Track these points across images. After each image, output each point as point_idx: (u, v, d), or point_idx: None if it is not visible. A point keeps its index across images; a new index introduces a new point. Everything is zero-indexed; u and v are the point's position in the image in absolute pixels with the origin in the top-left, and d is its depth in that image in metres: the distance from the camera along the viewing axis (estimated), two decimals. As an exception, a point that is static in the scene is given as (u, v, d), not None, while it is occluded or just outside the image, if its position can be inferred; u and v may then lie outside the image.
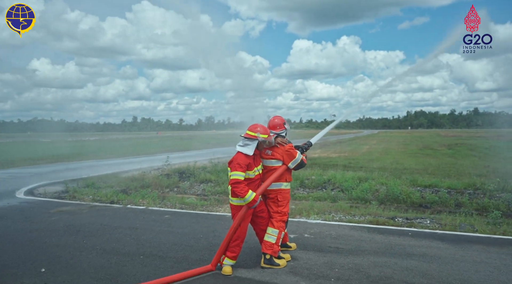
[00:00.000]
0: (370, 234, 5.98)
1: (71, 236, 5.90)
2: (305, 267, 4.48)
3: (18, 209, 8.15)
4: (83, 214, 7.63)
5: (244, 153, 4.31)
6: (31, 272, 4.39)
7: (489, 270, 4.35)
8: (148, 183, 12.15)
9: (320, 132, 5.87)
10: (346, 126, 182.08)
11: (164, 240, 5.67)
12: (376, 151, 29.13)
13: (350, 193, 10.35)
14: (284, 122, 4.85)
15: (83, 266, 4.56)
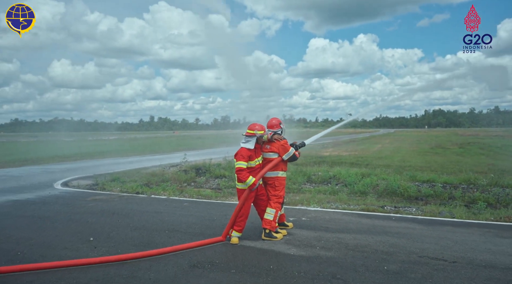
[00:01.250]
0: (358, 218, 6.99)
1: (108, 217, 7.13)
2: (297, 240, 5.55)
3: (59, 197, 9.49)
4: (114, 201, 8.89)
5: (246, 148, 5.43)
6: (82, 240, 5.60)
7: (447, 243, 5.33)
8: (167, 178, 13.34)
9: (316, 135, 6.93)
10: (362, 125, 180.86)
11: (184, 220, 6.84)
12: (387, 149, 29.76)
13: (352, 187, 11.28)
14: (280, 122, 5.94)
15: (121, 237, 5.76)
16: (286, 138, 5.97)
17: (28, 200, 9.00)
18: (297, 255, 4.87)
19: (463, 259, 4.64)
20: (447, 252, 4.93)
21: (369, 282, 3.96)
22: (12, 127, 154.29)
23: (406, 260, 4.63)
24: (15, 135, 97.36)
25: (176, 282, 4.01)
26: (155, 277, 4.16)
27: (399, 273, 4.20)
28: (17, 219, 7.03)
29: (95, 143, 46.58)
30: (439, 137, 51.68)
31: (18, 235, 5.93)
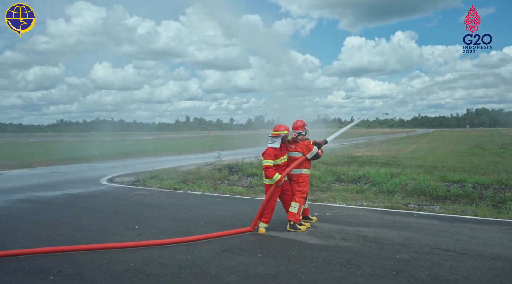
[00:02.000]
0: (380, 215, 7.36)
1: (149, 209, 7.95)
2: (319, 232, 6.04)
3: (106, 192, 10.51)
4: (154, 196, 9.75)
5: (273, 147, 5.99)
6: (128, 228, 6.40)
7: (462, 238, 5.62)
8: (202, 176, 14.13)
9: (335, 133, 7.38)
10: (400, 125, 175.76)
11: (217, 214, 7.51)
12: (422, 149, 29.23)
13: (381, 186, 11.51)
14: (305, 124, 6.47)
15: (162, 226, 6.50)
16: (310, 138, 6.49)
17: (80, 194, 10.06)
18: (317, 244, 5.38)
19: (474, 251, 4.95)
20: (459, 245, 5.24)
21: (379, 267, 4.41)
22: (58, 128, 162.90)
23: (418, 250, 5.01)
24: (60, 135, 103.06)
25: (209, 263, 4.64)
26: (192, 258, 4.82)
27: (409, 261, 4.61)
28: (73, 209, 8.00)
29: (134, 142, 48.86)
30: (481, 137, 49.60)
31: (75, 222, 6.84)
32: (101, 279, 4.15)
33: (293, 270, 4.38)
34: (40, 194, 9.89)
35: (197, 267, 4.49)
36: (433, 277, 4.11)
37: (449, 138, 50.23)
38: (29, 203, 8.75)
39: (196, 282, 4.06)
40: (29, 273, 4.33)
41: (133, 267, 4.51)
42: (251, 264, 4.61)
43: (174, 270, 4.39)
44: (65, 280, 4.13)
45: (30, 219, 7.11)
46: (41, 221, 6.95)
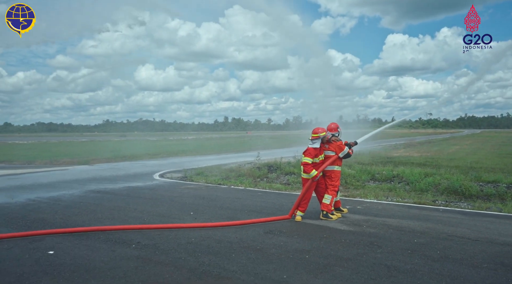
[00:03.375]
0: (407, 209, 8.06)
1: (200, 200, 9.14)
2: (349, 221, 6.90)
3: (160, 185, 11.89)
4: (202, 189, 10.97)
5: (313, 147, 6.94)
6: (185, 214, 7.59)
7: (479, 229, 6.26)
8: (243, 173, 15.23)
9: (366, 135, 8.16)
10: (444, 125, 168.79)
11: (259, 205, 8.54)
12: (464, 151, 28.72)
13: (414, 185, 12.02)
14: (338, 127, 7.36)
15: (212, 213, 7.63)
16: (342, 139, 7.36)
17: (139, 187, 11.51)
18: (346, 230, 6.25)
19: (485, 239, 5.62)
20: (474, 234, 5.91)
21: (397, 248, 5.22)
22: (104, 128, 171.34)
23: (435, 237, 5.75)
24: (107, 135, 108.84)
25: (254, 241, 5.67)
26: (240, 237, 5.87)
27: (424, 244, 5.38)
28: (136, 199, 9.37)
29: (176, 142, 51.27)
30: (531, 138, 47.23)
31: (140, 208, 8.15)
32: (171, 248, 5.30)
33: (323, 247, 5.30)
34: (106, 186, 11.43)
35: (245, 243, 5.54)
36: (442, 256, 4.88)
37: (496, 139, 48.30)
38: (99, 193, 10.25)
39: (245, 253, 5.09)
40: (116, 243, 5.57)
41: (194, 241, 5.63)
42: (289, 242, 5.58)
43: (226, 245, 5.46)
44: (144, 248, 5.32)
45: (104, 205, 8.52)
46: (113, 207, 8.32)
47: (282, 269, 4.46)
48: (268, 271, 4.40)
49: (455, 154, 25.39)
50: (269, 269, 4.48)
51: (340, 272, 4.35)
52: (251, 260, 4.79)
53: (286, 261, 4.76)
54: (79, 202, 8.87)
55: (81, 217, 7.28)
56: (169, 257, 4.94)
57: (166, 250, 5.21)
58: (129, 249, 5.27)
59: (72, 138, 75.99)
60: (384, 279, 4.13)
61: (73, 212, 7.79)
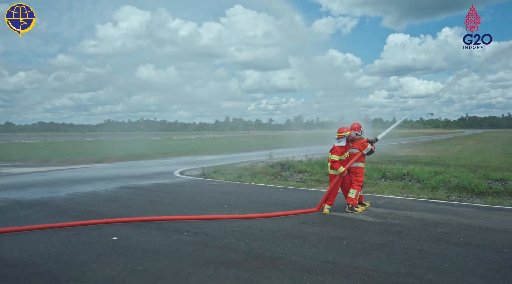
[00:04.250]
0: (424, 204, 8.64)
1: (228, 195, 9.72)
2: (373, 213, 7.49)
3: (185, 182, 12.49)
4: (226, 186, 11.56)
5: (339, 146, 7.52)
6: (219, 207, 8.18)
7: (495, 221, 6.84)
8: (257, 172, 15.81)
9: (384, 132, 8.76)
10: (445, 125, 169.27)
11: (285, 199, 9.14)
12: (468, 150, 29.27)
13: (425, 183, 12.58)
14: (360, 126, 7.95)
15: (244, 207, 8.22)
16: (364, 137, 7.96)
17: (164, 183, 12.11)
18: (372, 221, 6.84)
19: (503, 229, 6.21)
20: (491, 224, 6.50)
21: (424, 236, 5.81)
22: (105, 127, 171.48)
23: (456, 227, 6.34)
24: (111, 134, 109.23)
25: (292, 229, 6.26)
26: (278, 226, 6.46)
27: (448, 233, 5.97)
28: (167, 194, 9.97)
29: (181, 141, 51.87)
30: (533, 139, 47.79)
31: (176, 202, 8.74)
32: (219, 235, 5.89)
33: (356, 235, 5.89)
34: (134, 183, 12.03)
35: (284, 232, 6.13)
36: (466, 242, 5.47)
37: (498, 139, 48.83)
38: (130, 189, 10.85)
39: (288, 239, 5.69)
40: (168, 231, 6.17)
41: (237, 230, 6.23)
42: (324, 231, 6.18)
43: (268, 233, 6.06)
44: (195, 235, 5.91)
45: (141, 199, 9.12)
46: (149, 201, 8.92)
47: (325, 252, 5.05)
48: (314, 254, 4.99)
49: (460, 154, 25.93)
50: (314, 252, 5.07)
51: (377, 255, 4.94)
52: (296, 245, 5.38)
53: (327, 246, 5.35)
54: (116, 197, 9.47)
55: (125, 210, 7.88)
56: (221, 242, 5.53)
57: (216, 237, 5.80)
58: (182, 236, 5.87)
59: (77, 138, 76.63)
60: (418, 260, 4.72)
61: (115, 205, 8.40)
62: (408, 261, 4.68)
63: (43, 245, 5.40)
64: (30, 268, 4.49)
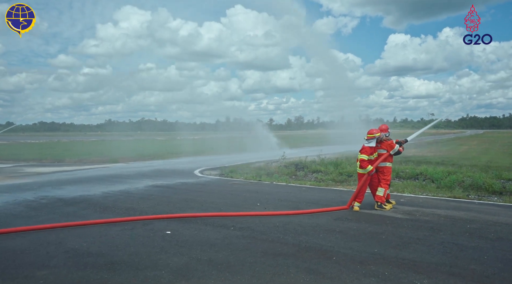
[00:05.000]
0: (446, 202, 9.04)
1: (254, 194, 10.12)
2: (401, 211, 7.89)
3: (208, 181, 12.89)
4: (249, 185, 11.96)
5: (369, 146, 7.93)
6: (252, 204, 8.58)
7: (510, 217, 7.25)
8: (272, 171, 16.20)
9: (415, 133, 9.18)
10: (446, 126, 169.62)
11: (312, 197, 9.53)
12: (474, 151, 29.66)
13: (439, 182, 12.96)
14: (388, 128, 8.35)
15: (275, 204, 8.62)
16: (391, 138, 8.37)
17: (190, 182, 12.52)
18: (403, 218, 7.25)
19: (528, 224, 6.61)
20: (516, 221, 6.90)
21: (456, 231, 6.21)
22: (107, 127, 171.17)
23: (484, 223, 6.74)
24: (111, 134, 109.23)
25: (331, 225, 6.67)
26: (317, 222, 6.86)
27: (478, 228, 6.37)
28: (196, 193, 10.37)
29: (186, 142, 52.19)
30: (536, 139, 48.17)
31: (209, 200, 9.14)
32: (264, 230, 6.30)
33: (392, 230, 6.30)
34: (161, 182, 12.44)
35: (324, 227, 6.53)
36: (497, 237, 5.87)
37: (501, 140, 49.22)
38: (160, 187, 11.26)
39: (330, 233, 6.09)
40: (215, 226, 6.57)
41: (279, 225, 6.63)
42: (361, 226, 6.58)
43: (309, 228, 6.46)
44: (241, 230, 6.32)
45: (175, 197, 9.52)
46: (183, 199, 9.33)
47: (369, 245, 5.46)
48: (359, 247, 5.40)
49: (467, 154, 26.30)
50: (359, 245, 5.48)
51: (418, 248, 5.35)
52: (339, 239, 5.79)
53: (368, 240, 5.76)
54: (150, 195, 9.88)
55: (163, 207, 8.29)
56: (269, 236, 5.94)
57: (262, 232, 6.21)
58: (230, 231, 6.27)
59: (80, 138, 77.02)
60: (458, 253, 5.12)
61: (152, 202, 8.80)
62: (449, 254, 5.09)
63: (105, 238, 5.81)
64: (104, 258, 4.90)
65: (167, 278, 4.22)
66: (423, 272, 4.40)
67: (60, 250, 5.20)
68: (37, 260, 4.84)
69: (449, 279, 4.21)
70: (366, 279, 4.22)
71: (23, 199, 9.10)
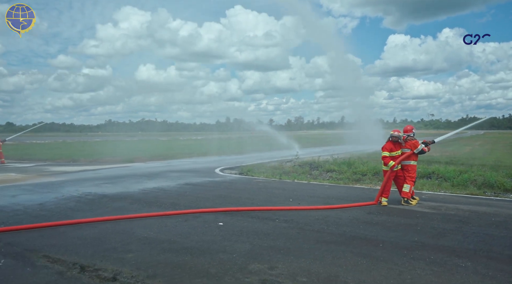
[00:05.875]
0: (466, 199, 9.62)
1: (282, 191, 10.67)
2: (426, 205, 8.47)
3: (234, 180, 13.47)
4: (273, 183, 12.52)
5: (388, 142, 8.55)
6: (285, 200, 9.14)
7: (537, 211, 7.82)
8: (287, 171, 16.73)
9: (444, 135, 9.78)
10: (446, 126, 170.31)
11: (338, 194, 10.10)
12: (479, 151, 30.22)
13: (452, 181, 13.52)
14: (413, 128, 8.93)
15: (308, 200, 9.19)
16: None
17: (216, 180, 13.08)
18: (430, 212, 7.82)
19: (548, 217, 7.19)
20: (536, 214, 7.48)
21: (483, 223, 6.79)
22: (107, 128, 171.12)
23: (507, 217, 7.32)
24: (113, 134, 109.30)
25: (365, 218, 7.24)
26: (352, 216, 7.44)
27: (503, 222, 6.95)
28: (228, 189, 10.94)
29: (191, 142, 52.70)
30: (538, 140, 48.83)
31: (244, 197, 9.71)
32: (307, 222, 6.86)
33: (424, 222, 6.87)
34: (189, 180, 12.99)
35: (360, 220, 7.11)
36: (523, 227, 6.45)
37: (504, 140, 49.81)
38: (190, 185, 11.82)
39: (369, 225, 6.66)
40: (260, 219, 7.14)
41: (319, 218, 7.20)
42: (394, 219, 7.16)
43: (347, 221, 7.03)
44: (287, 222, 6.88)
45: (209, 194, 10.08)
46: (217, 195, 9.89)
47: (408, 235, 6.03)
48: (399, 236, 5.97)
49: (472, 154, 26.83)
50: (398, 235, 6.05)
51: (453, 237, 5.92)
52: (379, 230, 6.36)
53: (405, 230, 6.33)
54: (184, 192, 10.45)
55: (204, 202, 8.86)
56: (314, 227, 6.51)
57: (306, 223, 6.78)
58: (275, 223, 6.84)
59: (84, 138, 77.48)
60: (491, 241, 5.70)
61: (191, 198, 9.37)
62: (482, 242, 5.66)
63: (167, 228, 6.38)
64: (176, 244, 5.47)
65: (240, 260, 4.79)
66: (464, 257, 4.98)
67: (133, 238, 5.77)
68: (117, 246, 5.40)
69: (489, 262, 4.78)
70: (415, 262, 4.79)
71: (69, 196, 9.67)
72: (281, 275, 4.32)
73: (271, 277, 4.26)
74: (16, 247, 5.39)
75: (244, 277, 4.28)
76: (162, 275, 4.31)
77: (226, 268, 4.54)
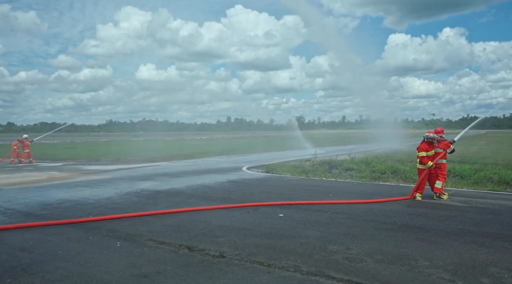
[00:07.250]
0: (488, 194, 10.43)
1: (316, 187, 11.47)
2: (456, 200, 9.27)
3: (265, 178, 14.27)
4: (302, 180, 13.31)
5: (423, 143, 9.35)
6: (324, 195, 9.94)
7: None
8: (307, 170, 17.49)
9: (460, 133, 10.58)
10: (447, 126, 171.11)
11: (371, 190, 10.90)
12: (486, 151, 31.01)
13: (469, 179, 14.31)
14: (443, 130, 9.75)
15: (346, 196, 9.98)
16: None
17: (252, 178, 13.89)
18: (462, 206, 8.63)
19: None
20: (560, 207, 8.29)
21: None
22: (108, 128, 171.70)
23: (533, 209, 8.14)
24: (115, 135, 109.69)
25: (406, 210, 8.04)
26: (393, 208, 8.24)
27: (531, 212, 7.76)
28: (264, 187, 11.73)
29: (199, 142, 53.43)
30: (541, 139, 49.66)
31: (287, 193, 10.50)
32: (357, 213, 7.66)
33: (461, 214, 7.68)
34: (226, 178, 13.76)
35: (404, 212, 7.91)
36: (551, 218, 7.26)
37: (508, 140, 50.69)
38: (231, 182, 12.59)
39: (414, 216, 7.46)
40: (314, 211, 7.94)
41: (365, 211, 8.00)
42: (433, 212, 7.96)
43: (391, 213, 7.83)
44: (338, 213, 7.68)
45: (256, 190, 10.89)
46: (262, 191, 10.69)
47: (452, 224, 6.84)
48: (444, 225, 6.77)
49: (480, 153, 27.61)
50: (443, 224, 6.85)
51: (492, 225, 6.73)
52: (423, 220, 7.17)
53: (447, 221, 7.13)
54: (228, 188, 11.25)
55: (252, 197, 9.66)
56: (365, 218, 7.31)
57: (357, 215, 7.59)
58: (329, 214, 7.65)
59: (90, 138, 78.21)
60: (526, 228, 6.51)
61: (239, 193, 10.19)
62: (520, 229, 6.47)
63: (235, 218, 7.19)
64: (253, 231, 6.27)
65: (318, 243, 5.60)
66: (509, 240, 5.79)
67: (212, 226, 6.58)
68: (205, 232, 6.21)
69: (531, 244, 5.59)
70: (468, 244, 5.60)
71: (126, 192, 10.47)
72: (359, 254, 5.13)
73: (351, 256, 5.07)
74: (119, 232, 6.19)
75: (329, 255, 5.08)
76: (260, 254, 5.11)
77: (309, 248, 5.35)
